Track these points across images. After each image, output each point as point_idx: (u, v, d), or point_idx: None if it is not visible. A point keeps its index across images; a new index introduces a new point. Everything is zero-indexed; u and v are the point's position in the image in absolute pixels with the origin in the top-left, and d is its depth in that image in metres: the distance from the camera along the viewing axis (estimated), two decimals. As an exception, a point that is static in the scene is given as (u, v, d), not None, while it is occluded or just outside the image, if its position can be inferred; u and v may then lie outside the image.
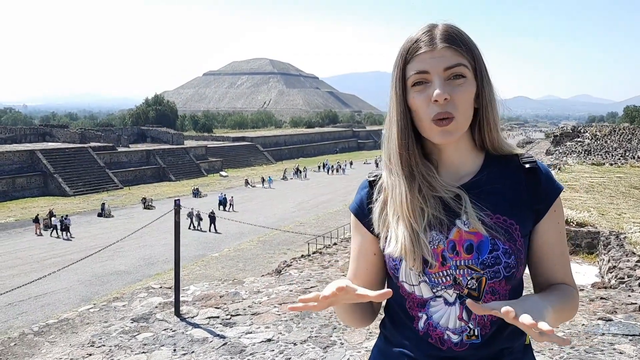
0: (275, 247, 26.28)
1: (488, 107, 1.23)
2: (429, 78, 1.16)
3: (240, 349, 4.30)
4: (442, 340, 1.22)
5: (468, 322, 1.20)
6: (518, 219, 1.21)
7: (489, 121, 1.24)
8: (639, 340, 4.19)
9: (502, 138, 1.28)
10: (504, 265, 1.17)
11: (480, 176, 1.25)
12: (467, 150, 1.27)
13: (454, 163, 1.26)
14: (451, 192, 1.22)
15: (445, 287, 1.20)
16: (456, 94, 1.16)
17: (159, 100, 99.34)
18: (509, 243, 1.18)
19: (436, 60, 1.16)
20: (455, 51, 1.16)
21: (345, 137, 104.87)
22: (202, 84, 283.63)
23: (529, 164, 1.26)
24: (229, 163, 66.76)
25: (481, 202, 1.20)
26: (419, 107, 1.18)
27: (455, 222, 1.20)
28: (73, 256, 23.16)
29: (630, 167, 35.77)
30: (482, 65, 1.21)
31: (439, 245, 1.20)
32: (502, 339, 1.22)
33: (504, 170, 1.26)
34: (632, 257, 11.07)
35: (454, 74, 1.16)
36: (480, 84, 1.21)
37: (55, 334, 4.68)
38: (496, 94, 1.25)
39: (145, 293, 5.91)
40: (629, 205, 20.64)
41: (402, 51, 1.21)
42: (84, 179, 47.34)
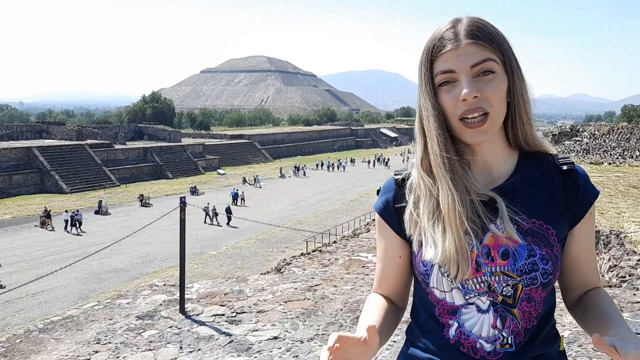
0: (274, 245, 26.26)
1: (520, 101, 1.18)
2: (455, 77, 1.12)
3: (247, 346, 4.27)
4: (474, 349, 1.17)
5: (502, 331, 1.15)
6: (555, 223, 1.17)
7: (521, 116, 1.19)
8: (646, 339, 4.18)
9: (535, 133, 1.23)
10: (541, 272, 1.13)
11: (515, 178, 1.20)
12: (501, 149, 1.22)
13: (487, 164, 1.21)
14: (485, 195, 1.17)
15: (479, 294, 1.15)
16: (487, 90, 1.11)
17: (156, 97, 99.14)
18: (546, 248, 1.14)
19: (462, 58, 1.11)
20: (481, 46, 1.11)
21: (343, 135, 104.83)
22: (199, 82, 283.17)
23: (567, 165, 1.22)
24: (227, 161, 66.66)
25: (516, 205, 1.15)
26: (448, 107, 1.14)
27: (489, 226, 1.15)
28: (70, 253, 23.12)
29: (629, 166, 35.86)
30: (512, 58, 1.16)
31: (473, 251, 1.15)
32: (535, 346, 1.17)
33: (540, 171, 1.22)
34: (633, 256, 11.08)
35: (482, 70, 1.11)
36: (511, 77, 1.15)
37: (61, 331, 4.65)
38: (529, 87, 1.20)
39: (149, 290, 5.88)
40: (628, 204, 20.67)
41: (426, 50, 1.17)
42: (81, 176, 47.22)
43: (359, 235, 23.23)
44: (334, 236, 24.62)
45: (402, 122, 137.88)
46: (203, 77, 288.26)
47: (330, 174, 60.17)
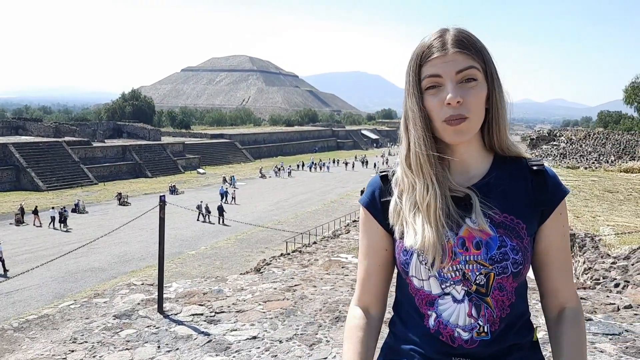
0: (253, 246, 26.19)
1: (498, 109, 1.27)
2: (441, 82, 1.21)
3: (225, 346, 4.26)
4: (452, 338, 1.24)
5: (477, 319, 1.23)
6: (525, 218, 1.25)
7: (498, 122, 1.28)
8: (618, 339, 4.27)
9: (510, 140, 1.32)
10: (511, 262, 1.21)
11: (490, 177, 1.29)
12: (478, 151, 1.31)
13: (464, 163, 1.30)
14: (462, 192, 1.26)
15: (454, 282, 1.23)
16: (468, 96, 1.20)
17: (136, 95, 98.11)
18: (517, 240, 1.22)
19: (448, 64, 1.20)
20: (466, 55, 1.21)
21: (324, 136, 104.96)
22: (180, 80, 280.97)
23: (537, 166, 1.30)
24: (207, 160, 66.27)
25: (490, 201, 1.24)
26: (432, 109, 1.22)
27: (465, 220, 1.24)
28: (45, 252, 22.78)
29: (605, 170, 36.53)
30: (492, 67, 1.26)
31: (449, 242, 1.23)
32: (511, 335, 1.25)
33: (512, 171, 1.30)
34: (607, 259, 11.30)
35: (466, 77, 1.20)
36: (491, 86, 1.25)
37: (36, 330, 4.59)
38: (506, 96, 1.30)
39: (126, 289, 5.83)
40: (603, 208, 21.07)
41: (415, 56, 1.25)
42: (58, 174, 46.53)
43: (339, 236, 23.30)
44: (314, 237, 24.67)
45: (383, 124, 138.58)
46: (184, 76, 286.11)
47: (311, 175, 60.21)
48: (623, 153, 45.09)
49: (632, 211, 20.94)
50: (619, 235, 13.99)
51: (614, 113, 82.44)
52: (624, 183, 29.23)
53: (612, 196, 24.74)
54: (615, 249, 13.02)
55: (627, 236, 13.98)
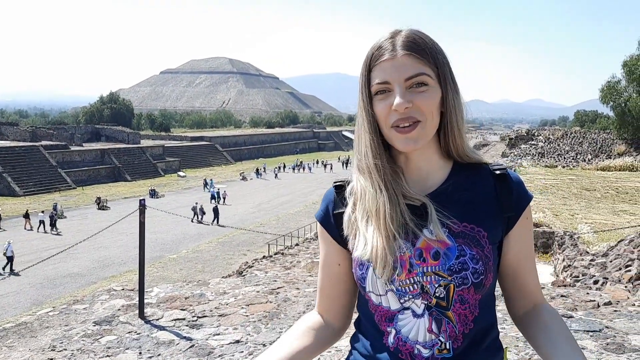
0: (235, 249, 26.04)
1: (452, 113, 1.20)
2: (390, 87, 1.15)
3: (208, 350, 4.21)
4: (412, 355, 1.17)
5: (439, 335, 1.15)
6: (486, 226, 1.18)
7: (453, 127, 1.21)
8: (599, 336, 4.32)
9: (467, 145, 1.26)
10: (471, 271, 1.14)
11: (447, 185, 1.23)
12: (434, 157, 1.25)
13: (420, 170, 1.24)
14: (418, 200, 1.20)
15: (413, 296, 1.16)
16: (418, 100, 1.14)
17: (114, 98, 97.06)
18: (477, 249, 1.15)
19: (397, 69, 1.14)
20: (416, 59, 1.15)
21: (305, 137, 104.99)
22: (159, 82, 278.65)
23: (499, 170, 1.24)
24: (187, 163, 65.81)
25: (448, 210, 1.18)
26: (380, 115, 1.17)
27: (422, 231, 1.17)
28: (23, 258, 22.34)
29: (582, 169, 37.11)
30: (446, 71, 1.19)
31: (406, 253, 1.16)
32: (476, 354, 1.18)
33: (472, 178, 1.24)
34: (586, 256, 11.46)
35: (416, 82, 1.15)
36: (444, 90, 1.19)
37: (13, 338, 4.48)
38: (462, 100, 1.23)
39: (106, 295, 5.73)
40: (581, 206, 21.39)
41: (366, 59, 1.20)
42: (35, 178, 45.79)
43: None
44: (296, 239, 24.62)
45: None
46: (163, 78, 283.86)
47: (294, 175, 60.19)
48: (600, 152, 45.86)
49: (609, 209, 21.30)
50: (597, 232, 14.20)
51: (590, 112, 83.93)
52: (601, 181, 29.71)
53: (589, 194, 25.13)
54: (594, 246, 13.22)
55: (605, 233, 14.19)
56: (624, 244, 10.37)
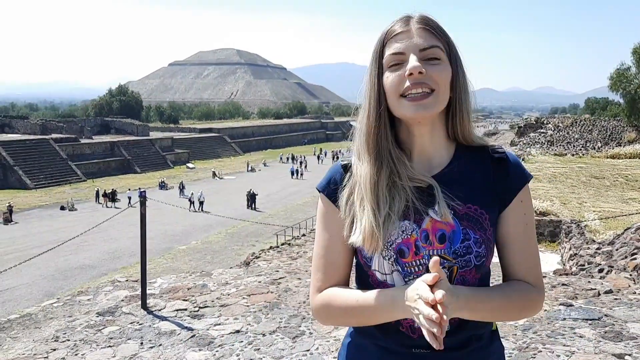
0: (244, 239, 26.14)
1: (462, 95, 1.23)
2: (404, 59, 1.17)
3: (208, 340, 4.27)
4: (412, 329, 1.22)
5: None
6: (487, 208, 1.22)
7: (462, 109, 1.24)
8: (598, 324, 4.33)
9: (473, 129, 1.28)
10: (475, 255, 1.19)
11: (452, 166, 1.26)
12: (440, 140, 1.27)
13: (427, 152, 1.26)
14: (423, 182, 1.22)
15: (418, 276, 1.16)
16: (433, 70, 1.16)
17: (123, 90, 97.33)
18: (480, 232, 1.19)
19: (412, 41, 1.17)
20: (430, 33, 1.18)
21: (313, 128, 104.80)
22: (167, 74, 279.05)
23: (498, 154, 1.27)
24: (196, 155, 65.97)
25: (453, 192, 1.21)
26: (390, 85, 1.18)
27: (428, 211, 1.20)
28: (34, 250, 22.58)
29: (591, 157, 36.80)
30: (456, 52, 1.23)
31: (412, 235, 1.20)
32: (470, 326, 1.23)
33: (474, 160, 1.27)
34: (592, 245, 11.41)
35: (430, 55, 1.17)
36: (455, 70, 1.21)
37: (18, 330, 4.57)
38: (470, 85, 1.26)
39: (110, 287, 5.81)
40: (590, 194, 21.26)
41: (380, 37, 1.23)
42: (46, 171, 46.16)
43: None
44: (303, 229, 24.66)
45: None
46: (171, 70, 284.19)
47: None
48: (609, 139, 45.44)
49: (617, 196, 21.15)
50: (604, 220, 14.13)
51: (600, 100, 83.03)
52: (610, 169, 29.47)
53: (598, 182, 24.95)
54: (601, 234, 13.16)
55: (612, 221, 14.12)
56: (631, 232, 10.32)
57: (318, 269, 1.31)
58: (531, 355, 3.79)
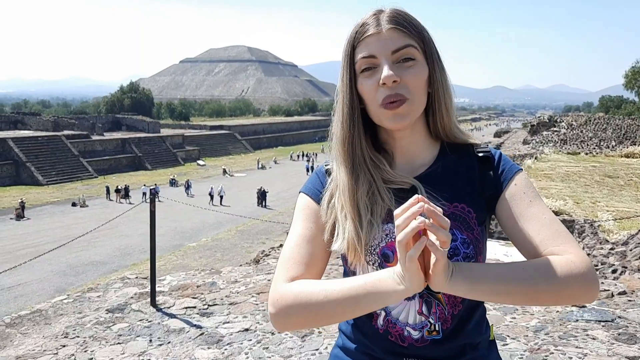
0: (254, 237, 26.20)
1: (440, 91, 1.18)
2: (376, 62, 1.12)
3: (217, 338, 4.26)
4: (402, 337, 1.17)
5: (428, 317, 1.15)
6: (474, 206, 1.17)
7: (441, 106, 1.19)
8: (611, 326, 4.26)
9: (456, 125, 1.24)
10: (462, 256, 1.13)
11: (436, 166, 1.22)
12: (422, 139, 1.23)
13: (409, 152, 1.23)
14: (406, 183, 1.18)
15: None
16: (406, 76, 1.11)
17: (135, 87, 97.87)
18: (467, 232, 1.14)
19: (383, 42, 1.11)
20: (402, 32, 1.12)
21: (324, 125, 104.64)
22: (178, 72, 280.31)
23: (483, 153, 1.23)
24: (207, 152, 66.24)
25: (437, 192, 1.16)
26: (367, 93, 1.14)
27: None
28: (46, 246, 22.77)
29: (605, 156, 36.42)
30: (432, 48, 1.17)
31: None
32: (464, 334, 1.18)
33: (459, 159, 1.23)
34: (605, 245, 11.26)
35: (403, 56, 1.12)
36: (432, 67, 1.16)
37: (28, 325, 4.58)
38: (449, 80, 1.21)
39: (120, 283, 5.82)
40: (603, 193, 21.03)
41: (349, 37, 1.17)
42: (58, 168, 46.55)
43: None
44: (313, 227, 24.67)
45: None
46: (182, 67, 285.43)
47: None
48: (624, 138, 44.95)
49: (632, 196, 20.91)
50: (618, 220, 13.95)
51: (615, 98, 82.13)
52: (625, 168, 29.15)
53: (612, 181, 24.69)
54: (614, 234, 12.99)
55: (626, 222, 13.94)
56: (645, 232, 10.16)
57: (290, 259, 1.17)
58: (543, 357, 3.74)
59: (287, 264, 1.16)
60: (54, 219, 30.54)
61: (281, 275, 1.14)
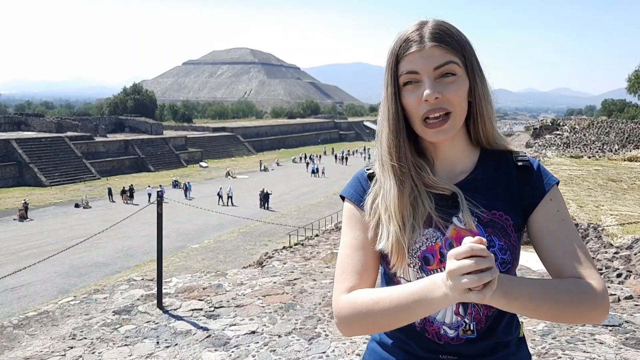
0: (256, 239, 26.20)
1: (481, 102, 1.24)
2: (419, 78, 1.18)
3: (224, 341, 4.26)
4: (438, 335, 1.23)
5: (464, 317, 1.21)
6: (512, 213, 1.22)
7: (482, 115, 1.25)
8: (618, 331, 4.25)
9: (497, 132, 1.29)
10: (500, 262, 1.18)
11: (476, 174, 1.26)
12: (463, 146, 1.28)
13: (449, 159, 1.28)
14: (447, 189, 1.23)
15: None
16: (448, 91, 1.17)
17: (138, 89, 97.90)
18: (505, 239, 1.20)
19: (425, 59, 1.17)
20: (444, 49, 1.17)
21: (326, 128, 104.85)
22: (181, 73, 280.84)
23: (522, 162, 1.27)
24: (209, 154, 66.27)
25: (477, 199, 1.21)
26: (410, 106, 1.20)
27: (452, 219, 1.21)
28: (49, 247, 22.82)
29: (608, 159, 36.38)
30: (473, 60, 1.22)
31: (437, 242, 1.21)
32: (496, 333, 1.23)
33: (498, 166, 1.28)
34: (609, 249, 11.26)
35: (444, 72, 1.17)
36: (472, 79, 1.22)
37: (35, 327, 4.60)
38: (490, 88, 1.26)
39: (126, 285, 5.83)
40: (607, 197, 21.01)
41: (392, 51, 1.22)
42: (61, 169, 46.61)
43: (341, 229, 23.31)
44: (316, 230, 24.66)
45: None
46: (185, 69, 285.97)
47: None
48: (627, 142, 44.88)
49: (635, 200, 20.88)
50: (622, 224, 13.94)
51: (618, 101, 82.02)
52: (628, 172, 29.12)
53: (615, 185, 24.66)
54: (618, 238, 12.97)
55: (630, 226, 13.93)
56: (649, 237, 10.15)
57: (345, 270, 1.26)
58: (551, 362, 3.73)
59: (342, 276, 1.26)
60: (57, 220, 30.59)
61: (339, 287, 1.25)
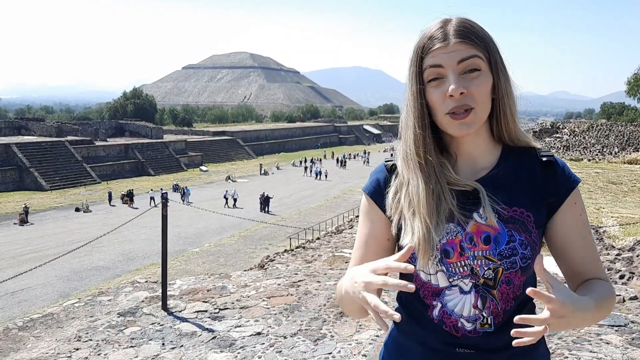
0: (257, 242, 26.17)
1: (505, 99, 1.24)
2: (443, 73, 1.18)
3: (230, 342, 4.26)
4: (456, 328, 1.23)
5: (482, 311, 1.21)
6: (533, 210, 1.22)
7: (505, 112, 1.25)
8: (624, 331, 4.26)
9: (519, 129, 1.29)
10: (520, 256, 1.19)
11: (498, 170, 1.27)
12: (485, 142, 1.28)
13: (472, 155, 1.28)
14: (468, 185, 1.24)
15: (462, 277, 1.21)
16: (472, 87, 1.17)
17: (138, 93, 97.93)
18: (525, 234, 1.20)
19: (449, 55, 1.17)
20: (468, 45, 1.18)
21: (326, 132, 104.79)
22: (181, 78, 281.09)
23: (546, 157, 1.27)
24: (209, 157, 66.23)
25: (498, 195, 1.22)
26: (435, 102, 1.20)
27: (472, 215, 1.22)
28: (50, 251, 22.78)
29: (608, 162, 36.42)
30: (497, 57, 1.22)
31: (457, 236, 1.22)
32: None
33: (521, 162, 1.28)
34: (611, 251, 11.25)
35: (469, 67, 1.18)
36: (496, 75, 1.22)
37: (41, 329, 4.59)
38: (513, 86, 1.27)
39: (130, 287, 5.83)
40: (607, 200, 21.02)
41: (416, 48, 1.23)
42: (61, 173, 46.58)
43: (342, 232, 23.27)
44: (317, 233, 24.62)
45: (385, 119, 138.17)
46: (185, 73, 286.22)
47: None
48: (627, 144, 44.91)
49: (636, 202, 20.89)
50: (623, 226, 13.94)
51: (617, 104, 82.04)
52: (628, 174, 29.14)
53: (616, 188, 24.68)
54: (620, 240, 12.97)
55: (632, 227, 13.93)
56: (651, 238, 10.14)
57: (353, 259, 1.35)
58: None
59: (350, 265, 1.33)
60: (58, 224, 30.56)
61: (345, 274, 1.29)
